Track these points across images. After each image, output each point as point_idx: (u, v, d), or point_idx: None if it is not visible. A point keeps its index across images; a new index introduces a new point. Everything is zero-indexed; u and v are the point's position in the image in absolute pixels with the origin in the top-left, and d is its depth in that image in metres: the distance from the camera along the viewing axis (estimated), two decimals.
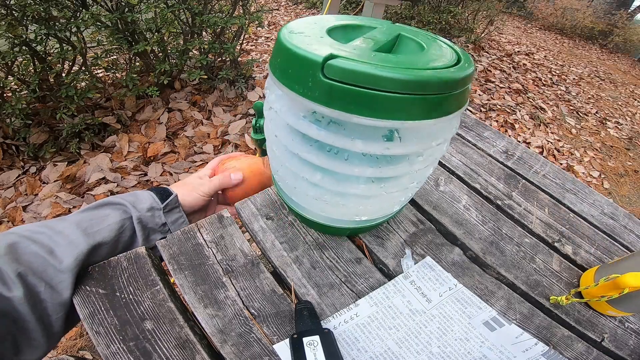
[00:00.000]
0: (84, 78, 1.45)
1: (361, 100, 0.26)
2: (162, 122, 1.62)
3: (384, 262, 0.44)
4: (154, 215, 0.45)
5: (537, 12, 6.02)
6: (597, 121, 2.79)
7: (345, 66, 0.25)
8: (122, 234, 0.42)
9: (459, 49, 0.33)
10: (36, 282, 0.34)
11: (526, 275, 0.46)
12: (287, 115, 0.32)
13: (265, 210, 0.48)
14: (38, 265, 0.35)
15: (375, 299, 0.40)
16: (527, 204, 0.57)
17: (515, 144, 0.70)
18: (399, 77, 0.25)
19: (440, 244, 0.48)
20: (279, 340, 0.36)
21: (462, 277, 0.44)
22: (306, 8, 3.79)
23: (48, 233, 0.38)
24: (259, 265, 0.42)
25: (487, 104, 2.41)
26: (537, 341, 0.39)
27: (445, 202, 0.54)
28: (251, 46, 2.56)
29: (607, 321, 0.43)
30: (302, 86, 0.28)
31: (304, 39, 0.29)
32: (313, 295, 0.40)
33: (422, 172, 0.35)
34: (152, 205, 0.45)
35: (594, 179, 2.05)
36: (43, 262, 0.35)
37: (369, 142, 0.30)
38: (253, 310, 0.38)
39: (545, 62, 3.75)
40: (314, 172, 0.34)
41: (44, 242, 0.37)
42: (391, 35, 0.35)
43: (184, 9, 1.53)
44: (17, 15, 1.17)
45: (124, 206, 0.43)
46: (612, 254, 0.52)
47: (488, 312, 0.41)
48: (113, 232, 0.41)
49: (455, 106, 0.30)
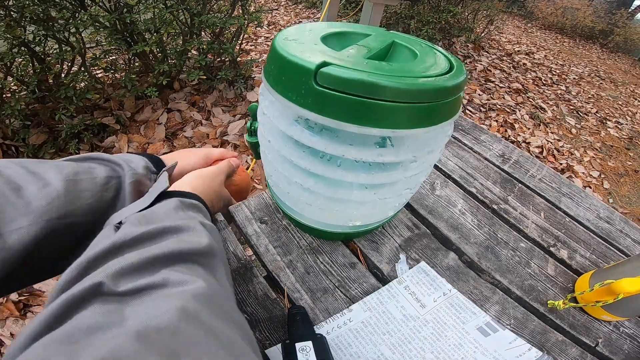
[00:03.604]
0: (83, 79, 1.45)
1: (353, 109, 0.26)
2: (161, 122, 1.62)
3: (378, 267, 0.44)
4: (147, 176, 0.41)
5: (537, 12, 6.01)
6: (597, 121, 2.78)
7: (338, 74, 0.25)
8: (106, 192, 0.36)
9: (451, 56, 0.33)
10: None
11: (521, 280, 0.46)
12: (280, 122, 0.32)
13: (260, 214, 0.48)
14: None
15: (369, 304, 0.40)
16: (523, 208, 0.56)
17: (511, 147, 0.69)
18: (392, 85, 0.25)
19: (436, 249, 0.48)
20: (271, 345, 0.36)
21: (457, 282, 0.44)
22: (306, 8, 3.78)
23: (19, 170, 0.31)
24: (252, 269, 0.42)
25: (487, 104, 2.41)
26: (530, 346, 0.39)
27: (440, 206, 0.54)
28: (250, 46, 2.55)
29: (602, 326, 0.43)
30: (295, 93, 0.28)
31: (297, 46, 0.29)
32: (306, 300, 0.40)
33: (415, 179, 0.35)
34: (147, 167, 0.41)
35: (594, 179, 2.04)
36: (3, 199, 0.29)
37: (362, 149, 0.30)
38: (246, 315, 0.38)
39: (546, 61, 3.74)
40: (307, 178, 0.34)
41: (12, 178, 0.30)
42: (385, 42, 0.35)
43: (182, 10, 1.53)
44: (16, 16, 1.17)
45: (114, 164, 0.39)
46: (607, 259, 0.52)
47: (482, 318, 0.41)
48: (97, 187, 0.36)
49: (448, 114, 0.30)
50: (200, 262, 0.28)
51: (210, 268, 0.28)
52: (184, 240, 0.28)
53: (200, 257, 0.28)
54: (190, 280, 0.24)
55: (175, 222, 0.30)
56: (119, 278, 0.23)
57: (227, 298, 0.26)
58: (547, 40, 5.01)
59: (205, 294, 0.23)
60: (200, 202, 0.37)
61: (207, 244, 0.29)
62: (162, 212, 0.31)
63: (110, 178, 0.37)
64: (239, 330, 0.23)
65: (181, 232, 0.29)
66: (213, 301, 0.24)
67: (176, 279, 0.24)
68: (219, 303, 0.24)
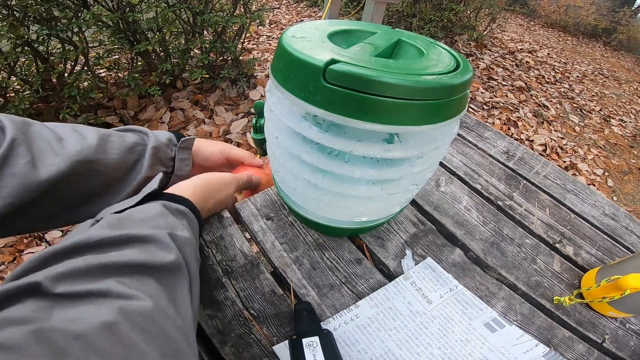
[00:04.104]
0: (87, 78, 1.45)
1: (362, 105, 0.26)
2: (165, 121, 1.62)
3: (384, 262, 0.44)
4: (168, 147, 0.48)
5: (540, 10, 5.98)
6: (600, 119, 2.77)
7: (347, 71, 0.25)
8: (131, 154, 0.43)
9: (457, 54, 0.33)
10: (23, 152, 0.34)
11: (527, 276, 0.46)
12: (288, 118, 0.32)
13: (266, 210, 0.48)
14: (39, 143, 0.35)
15: (376, 300, 0.40)
16: (528, 204, 0.56)
17: (516, 144, 0.69)
18: (400, 82, 0.25)
19: (441, 245, 0.48)
20: (278, 341, 0.36)
21: (463, 278, 0.44)
22: (307, 6, 3.78)
23: (66, 128, 0.40)
24: (258, 265, 0.42)
25: (490, 102, 2.40)
26: (537, 342, 0.39)
27: (446, 203, 0.54)
28: (252, 45, 2.55)
29: (608, 322, 0.43)
30: (304, 90, 0.28)
31: (305, 44, 0.29)
32: (313, 296, 0.40)
33: (422, 175, 0.35)
34: (170, 138, 0.48)
35: (598, 177, 2.03)
36: (46, 143, 0.36)
37: (370, 144, 0.30)
38: (253, 311, 0.38)
39: (549, 59, 3.73)
40: (314, 174, 0.34)
41: (58, 132, 0.38)
42: (391, 40, 0.35)
43: (184, 9, 1.53)
44: (19, 15, 1.18)
45: (144, 134, 0.46)
46: (613, 255, 0.52)
47: (489, 314, 0.41)
48: (124, 148, 0.43)
49: (455, 111, 0.30)
50: (157, 276, 0.27)
51: (167, 284, 0.28)
52: (147, 252, 0.28)
53: (158, 272, 0.28)
54: (132, 295, 0.24)
55: (146, 231, 0.30)
56: (60, 281, 0.23)
57: (171, 317, 0.25)
58: (550, 38, 4.99)
59: (142, 312, 0.23)
60: (189, 208, 0.37)
61: (171, 260, 0.29)
62: (141, 217, 0.32)
63: (137, 144, 0.44)
64: (168, 350, 0.23)
65: (147, 243, 0.29)
66: (149, 319, 0.23)
67: (119, 291, 0.24)
68: (157, 321, 0.23)
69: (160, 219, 0.32)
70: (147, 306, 0.24)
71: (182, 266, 0.30)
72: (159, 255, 0.28)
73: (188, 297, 0.29)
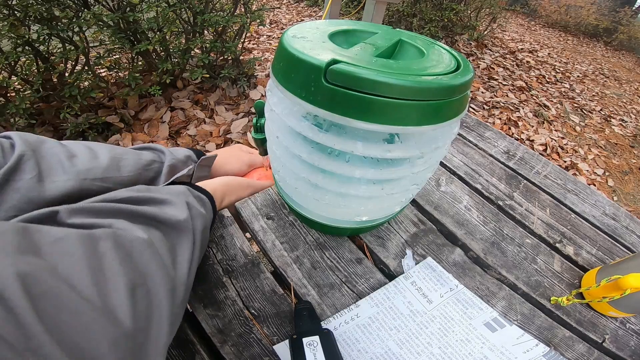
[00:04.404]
0: (87, 77, 1.45)
1: (362, 106, 0.26)
2: (165, 120, 1.62)
3: (384, 262, 0.44)
4: (186, 164, 0.48)
5: (540, 10, 5.97)
6: (601, 119, 2.77)
7: (348, 71, 0.25)
8: (147, 171, 0.44)
9: (458, 54, 0.33)
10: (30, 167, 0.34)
11: (527, 276, 0.46)
12: (289, 118, 0.32)
13: (266, 210, 0.48)
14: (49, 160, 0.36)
15: (376, 299, 0.40)
16: (529, 204, 0.56)
17: (516, 144, 0.69)
18: (400, 83, 0.25)
19: (442, 245, 0.48)
20: (279, 340, 0.36)
21: (463, 278, 0.44)
22: (307, 6, 3.78)
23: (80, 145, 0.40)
24: (259, 265, 0.42)
25: (490, 102, 2.40)
26: (538, 342, 0.39)
27: (446, 203, 0.54)
28: (253, 44, 2.55)
29: (608, 322, 0.43)
30: (305, 90, 0.28)
31: (306, 44, 0.29)
32: (313, 295, 0.40)
33: (422, 174, 0.35)
34: (189, 156, 0.49)
35: (599, 177, 2.03)
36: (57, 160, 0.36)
37: (370, 145, 0.30)
38: (253, 311, 0.38)
39: (549, 59, 3.72)
40: (315, 173, 0.34)
41: (71, 149, 0.38)
42: (392, 40, 0.35)
43: (185, 8, 1.53)
44: (20, 15, 1.18)
45: (161, 152, 0.47)
46: (613, 255, 0.52)
47: (489, 313, 0.41)
48: (139, 165, 0.43)
49: (455, 112, 0.30)
50: (165, 230, 0.30)
51: (171, 239, 0.31)
52: (161, 209, 0.31)
53: (166, 227, 0.31)
54: (130, 229, 0.27)
55: (166, 196, 0.33)
56: (75, 214, 0.27)
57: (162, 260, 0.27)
58: (551, 38, 4.98)
59: (133, 240, 0.26)
60: (208, 198, 0.40)
61: (181, 219, 0.32)
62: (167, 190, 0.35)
63: (153, 161, 0.45)
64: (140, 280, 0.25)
65: (164, 205, 0.33)
66: (137, 248, 0.26)
67: (121, 226, 0.27)
68: (143, 253, 0.26)
69: (182, 196, 0.35)
70: (141, 237, 0.26)
71: (190, 229, 0.32)
72: (171, 213, 0.32)
73: (188, 259, 0.31)
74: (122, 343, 0.21)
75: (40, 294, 0.19)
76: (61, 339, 0.19)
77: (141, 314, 0.23)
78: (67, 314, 0.19)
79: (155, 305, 0.25)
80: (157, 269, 0.26)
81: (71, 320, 0.19)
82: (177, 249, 0.30)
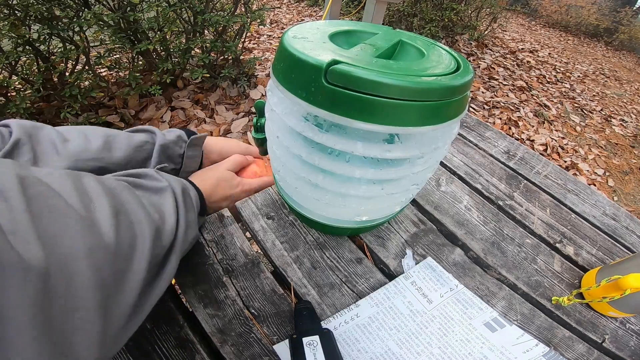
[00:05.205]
0: (88, 77, 1.45)
1: (362, 106, 0.26)
2: (165, 120, 1.62)
3: (384, 262, 0.44)
4: (177, 144, 0.49)
5: (541, 9, 5.97)
6: (601, 119, 2.77)
7: (348, 72, 0.25)
8: (139, 152, 0.45)
9: (458, 55, 0.33)
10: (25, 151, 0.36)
11: (527, 276, 0.46)
12: (289, 118, 0.32)
13: (266, 209, 0.48)
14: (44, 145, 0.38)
15: (376, 299, 0.40)
16: (529, 204, 0.56)
17: (516, 144, 0.69)
18: (400, 84, 0.25)
19: (442, 245, 0.48)
20: (279, 340, 0.36)
21: (463, 278, 0.44)
22: (308, 6, 3.78)
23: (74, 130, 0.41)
24: (259, 265, 0.42)
25: (491, 102, 2.40)
26: (537, 342, 0.39)
27: (446, 203, 0.54)
28: (253, 44, 2.55)
29: (608, 322, 0.43)
30: (305, 91, 0.28)
31: (306, 45, 0.29)
32: (313, 295, 0.40)
33: (422, 174, 0.35)
34: (179, 135, 0.49)
35: (599, 177, 2.03)
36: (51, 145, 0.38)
37: (370, 145, 0.30)
38: (253, 310, 0.38)
39: (550, 59, 3.72)
40: (315, 173, 0.34)
41: (65, 134, 0.40)
42: (392, 41, 0.35)
43: (185, 8, 1.53)
44: (20, 15, 1.18)
45: (153, 133, 0.48)
46: (613, 255, 0.52)
47: (489, 313, 0.41)
48: (131, 146, 0.44)
49: (455, 112, 0.30)
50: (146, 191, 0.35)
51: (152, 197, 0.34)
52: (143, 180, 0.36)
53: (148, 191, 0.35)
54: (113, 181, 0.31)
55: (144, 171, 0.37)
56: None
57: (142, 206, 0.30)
58: (551, 38, 4.98)
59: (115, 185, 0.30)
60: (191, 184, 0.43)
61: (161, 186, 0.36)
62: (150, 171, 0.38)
63: (145, 142, 0.46)
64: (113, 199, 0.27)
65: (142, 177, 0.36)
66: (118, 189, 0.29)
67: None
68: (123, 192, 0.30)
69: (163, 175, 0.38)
70: (122, 184, 0.30)
71: (169, 189, 0.36)
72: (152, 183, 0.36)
73: (173, 212, 0.34)
74: (100, 254, 0.23)
75: (34, 194, 0.21)
76: (42, 230, 0.20)
77: (124, 239, 0.26)
78: (55, 215, 0.22)
79: (139, 238, 0.27)
80: (138, 207, 0.29)
81: (57, 219, 0.22)
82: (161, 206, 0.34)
